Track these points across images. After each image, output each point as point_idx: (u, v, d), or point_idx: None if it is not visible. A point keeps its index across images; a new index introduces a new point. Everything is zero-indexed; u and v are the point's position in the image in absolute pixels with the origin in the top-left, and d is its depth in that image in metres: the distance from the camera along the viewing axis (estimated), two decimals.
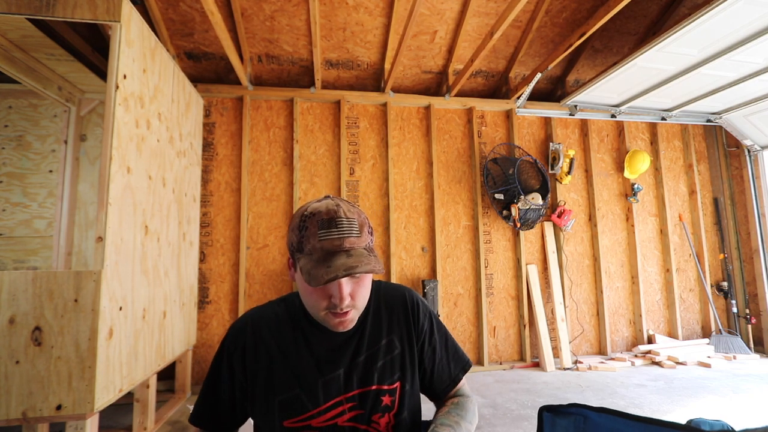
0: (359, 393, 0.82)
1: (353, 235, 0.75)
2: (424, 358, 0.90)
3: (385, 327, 0.87)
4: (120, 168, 1.91)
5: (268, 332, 0.83)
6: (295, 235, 0.76)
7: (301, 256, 0.75)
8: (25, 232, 3.22)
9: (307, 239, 0.74)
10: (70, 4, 1.86)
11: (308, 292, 0.75)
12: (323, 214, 0.74)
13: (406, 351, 0.88)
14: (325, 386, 0.80)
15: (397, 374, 0.85)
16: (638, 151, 3.92)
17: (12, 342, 1.62)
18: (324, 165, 3.57)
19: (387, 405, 0.83)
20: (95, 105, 3.29)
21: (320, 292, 0.74)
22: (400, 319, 0.89)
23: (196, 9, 2.99)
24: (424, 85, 3.90)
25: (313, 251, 0.73)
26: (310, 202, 0.80)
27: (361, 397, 0.82)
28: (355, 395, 0.82)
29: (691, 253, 4.08)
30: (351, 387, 0.82)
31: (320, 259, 0.72)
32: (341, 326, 0.77)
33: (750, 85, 3.30)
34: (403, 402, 0.85)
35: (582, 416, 0.71)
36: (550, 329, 3.67)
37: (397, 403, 0.85)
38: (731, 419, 2.33)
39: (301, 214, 0.77)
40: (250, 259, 3.34)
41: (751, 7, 2.35)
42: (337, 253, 0.73)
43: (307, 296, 0.76)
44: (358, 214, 0.78)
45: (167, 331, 2.50)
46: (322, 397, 0.80)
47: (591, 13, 3.29)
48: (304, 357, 0.81)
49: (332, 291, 0.74)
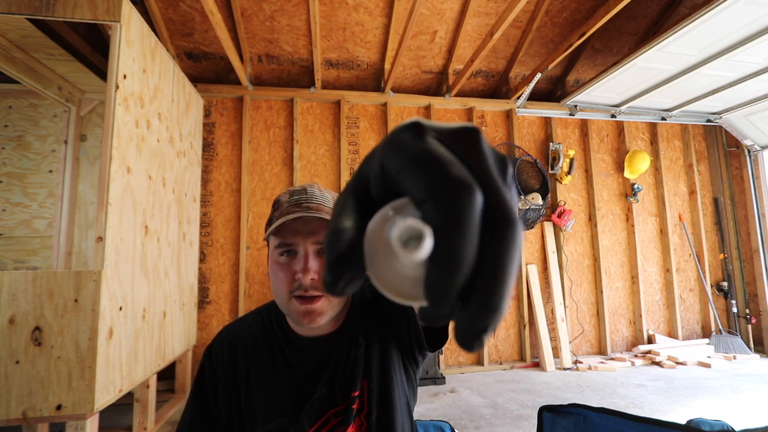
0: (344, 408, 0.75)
1: (326, 205, 0.71)
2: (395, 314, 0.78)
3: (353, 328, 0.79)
4: (120, 168, 1.91)
5: (244, 356, 0.76)
6: (272, 212, 0.73)
7: (272, 229, 0.69)
8: (25, 232, 3.22)
9: (278, 209, 0.71)
10: (70, 4, 1.85)
11: (275, 272, 0.69)
12: (298, 187, 0.74)
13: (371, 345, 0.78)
14: (310, 409, 0.73)
15: (362, 373, 0.76)
16: (638, 151, 3.92)
17: (12, 342, 1.62)
18: (324, 165, 3.57)
19: (357, 408, 0.75)
20: (95, 105, 3.29)
21: (285, 269, 0.68)
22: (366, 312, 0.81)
23: (196, 9, 2.99)
24: (424, 85, 3.90)
25: (282, 213, 0.69)
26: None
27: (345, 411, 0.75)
28: (341, 410, 0.74)
29: (691, 253, 4.08)
30: (336, 402, 0.74)
31: (287, 212, 0.69)
32: (308, 318, 0.67)
33: (750, 85, 3.30)
34: (371, 401, 0.75)
35: (582, 416, 0.72)
36: (550, 329, 3.67)
37: (366, 404, 0.76)
38: (731, 419, 2.33)
39: (281, 194, 0.76)
40: (250, 259, 3.34)
41: (751, 7, 2.35)
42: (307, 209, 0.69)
43: (276, 279, 0.69)
44: (333, 195, 0.74)
45: (167, 331, 2.50)
46: (307, 424, 0.72)
47: (591, 13, 3.29)
48: (285, 381, 0.74)
49: (300, 263, 0.68)
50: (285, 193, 0.75)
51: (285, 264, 0.69)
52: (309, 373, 0.75)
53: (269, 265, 0.73)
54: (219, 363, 0.76)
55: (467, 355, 3.58)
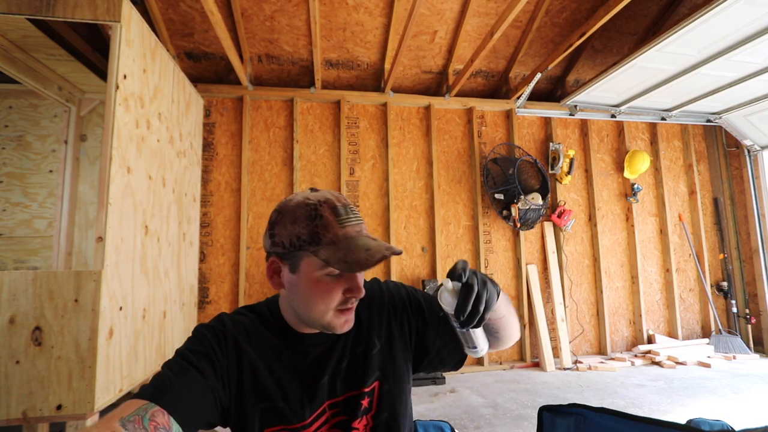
0: (343, 399, 0.78)
1: (363, 221, 0.74)
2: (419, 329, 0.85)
3: (365, 325, 0.82)
4: (120, 168, 1.91)
5: (247, 341, 0.75)
6: (303, 227, 0.68)
7: (319, 248, 0.67)
8: (26, 232, 3.22)
9: (325, 228, 0.68)
10: (70, 4, 1.86)
11: (318, 291, 0.69)
12: (334, 201, 0.70)
13: (385, 348, 0.82)
14: (311, 399, 0.75)
15: (376, 374, 0.80)
16: (638, 151, 3.92)
17: (12, 342, 1.62)
18: (324, 165, 3.57)
19: (365, 408, 0.78)
20: (95, 105, 3.29)
21: (335, 287, 0.70)
22: (381, 314, 0.84)
23: (196, 9, 2.99)
24: (424, 85, 3.90)
25: (337, 239, 0.68)
26: (291, 197, 0.74)
27: (345, 403, 0.78)
28: (339, 401, 0.77)
29: (691, 253, 4.08)
30: (335, 393, 0.77)
31: (351, 246, 0.67)
32: (347, 325, 0.72)
33: (750, 85, 3.30)
34: (382, 402, 0.79)
35: (582, 416, 0.72)
36: (550, 329, 3.67)
37: (375, 404, 0.79)
38: (731, 419, 2.33)
39: (304, 205, 0.70)
40: (250, 259, 3.34)
41: (750, 7, 2.36)
42: (362, 237, 0.69)
43: (317, 297, 0.69)
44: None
45: (167, 331, 2.50)
46: (307, 411, 0.74)
47: (591, 13, 3.29)
48: (287, 370, 0.75)
49: (351, 282, 0.70)
50: (324, 205, 0.70)
51: (331, 283, 0.70)
52: (312, 363, 0.77)
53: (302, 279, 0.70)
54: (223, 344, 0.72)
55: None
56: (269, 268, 0.74)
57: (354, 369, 0.79)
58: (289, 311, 0.76)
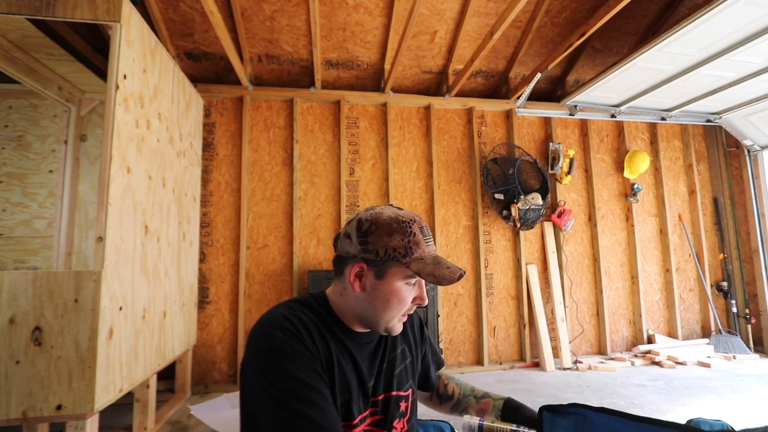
0: (383, 398, 0.85)
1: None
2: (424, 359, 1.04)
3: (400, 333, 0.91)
4: (120, 168, 1.91)
5: (318, 338, 0.77)
6: (400, 240, 0.77)
7: (411, 261, 0.77)
8: (25, 232, 3.22)
9: (417, 244, 0.78)
10: (70, 4, 1.86)
11: (398, 297, 0.79)
12: (421, 222, 0.82)
13: (413, 360, 0.96)
14: (365, 395, 0.82)
15: (410, 381, 0.92)
16: (638, 151, 3.92)
17: (12, 342, 1.62)
18: (324, 165, 3.57)
19: (402, 411, 0.88)
20: (95, 105, 3.29)
21: (409, 295, 0.80)
22: (414, 330, 1.00)
23: (196, 9, 2.99)
24: (424, 85, 3.90)
25: (424, 256, 0.79)
26: (379, 210, 0.82)
27: (384, 403, 0.85)
28: (378, 400, 0.85)
29: (691, 253, 4.09)
30: (377, 392, 0.85)
31: (435, 262, 0.79)
32: (400, 328, 0.83)
33: (750, 85, 3.30)
34: (414, 408, 0.92)
35: (582, 416, 0.72)
36: (550, 329, 3.67)
37: (410, 409, 0.90)
38: (731, 419, 2.33)
39: (398, 221, 0.79)
40: (250, 259, 3.34)
41: (750, 7, 2.35)
42: (440, 257, 0.82)
43: (394, 301, 0.79)
44: None
45: (167, 331, 2.50)
46: (362, 406, 0.81)
47: (591, 13, 3.29)
48: (350, 365, 0.81)
49: (420, 293, 0.82)
50: (414, 224, 0.80)
51: (408, 291, 0.81)
52: (365, 361, 0.85)
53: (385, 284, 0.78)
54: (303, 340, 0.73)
55: (467, 355, 3.59)
56: (352, 271, 0.79)
57: (390, 371, 0.88)
58: (347, 310, 0.82)
